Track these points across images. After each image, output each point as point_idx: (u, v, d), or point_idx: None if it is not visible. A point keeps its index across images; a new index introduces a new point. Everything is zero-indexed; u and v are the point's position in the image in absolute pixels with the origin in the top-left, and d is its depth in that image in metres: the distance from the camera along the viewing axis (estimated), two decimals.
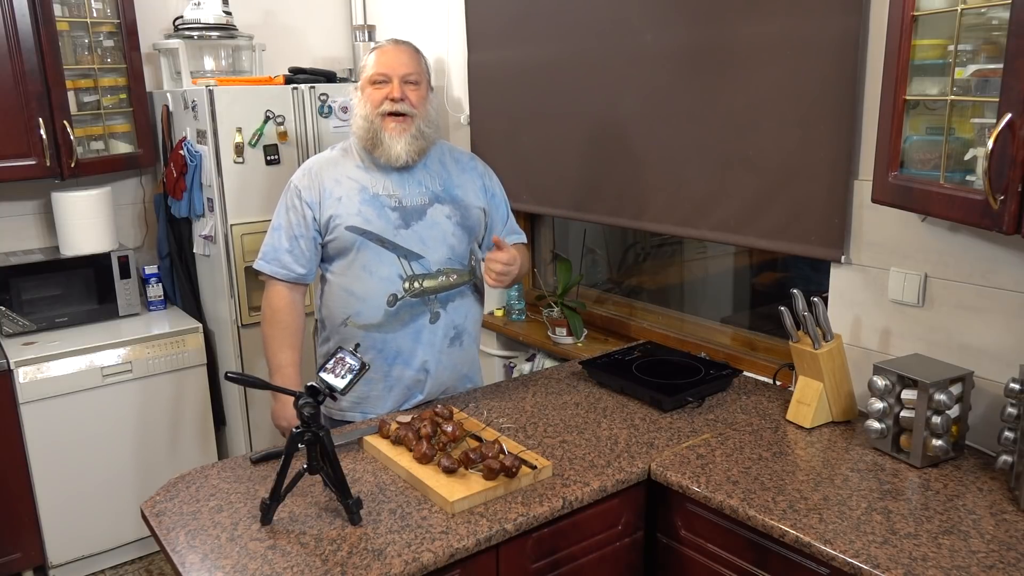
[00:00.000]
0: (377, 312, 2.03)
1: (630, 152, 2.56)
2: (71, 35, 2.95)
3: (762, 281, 2.75)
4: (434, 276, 2.05)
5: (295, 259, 2.04)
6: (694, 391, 2.07)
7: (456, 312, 2.11)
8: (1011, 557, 1.38)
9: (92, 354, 2.82)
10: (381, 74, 2.00)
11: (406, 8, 3.44)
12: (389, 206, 2.02)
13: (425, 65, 2.08)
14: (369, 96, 2.01)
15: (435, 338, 2.08)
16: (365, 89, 2.02)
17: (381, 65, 2.00)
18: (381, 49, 2.04)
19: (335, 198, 2.01)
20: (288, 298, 2.06)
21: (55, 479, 2.81)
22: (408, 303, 2.04)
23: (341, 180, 2.03)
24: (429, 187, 2.07)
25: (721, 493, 1.62)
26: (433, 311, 2.07)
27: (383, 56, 2.02)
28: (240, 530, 1.53)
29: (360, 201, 2.01)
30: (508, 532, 1.53)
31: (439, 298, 2.07)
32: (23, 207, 3.11)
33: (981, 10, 1.47)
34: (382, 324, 2.04)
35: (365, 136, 2.01)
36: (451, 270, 2.08)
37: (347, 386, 1.55)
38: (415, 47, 2.07)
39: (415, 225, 2.03)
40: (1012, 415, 1.56)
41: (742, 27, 2.17)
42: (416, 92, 2.01)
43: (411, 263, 2.02)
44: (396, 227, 2.02)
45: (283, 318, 2.06)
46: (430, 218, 2.05)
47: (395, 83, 1.98)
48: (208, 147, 2.87)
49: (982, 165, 1.41)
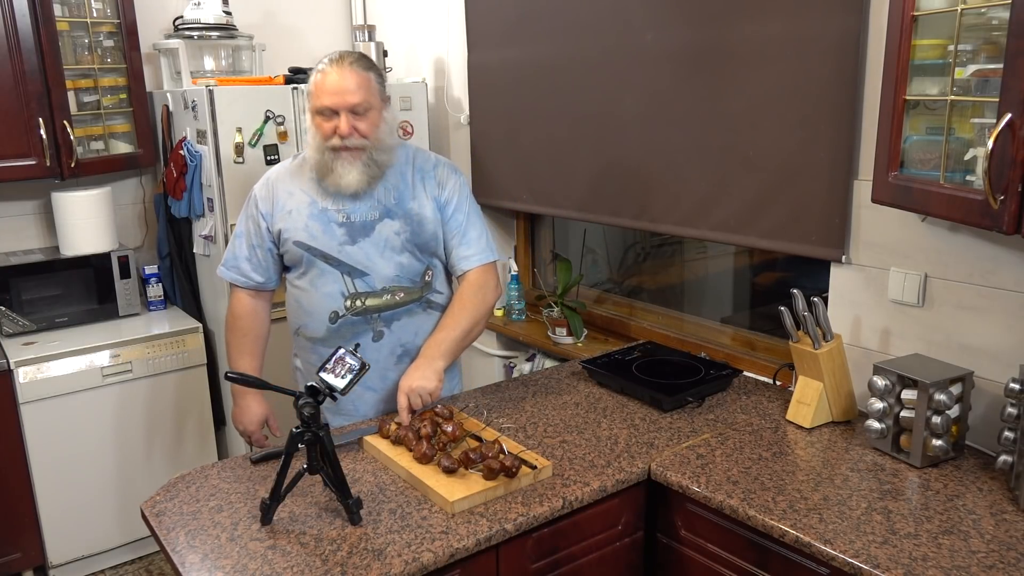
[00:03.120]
0: (320, 327, 2.02)
1: (630, 152, 2.56)
2: (71, 35, 2.95)
3: (762, 281, 2.74)
4: (378, 294, 2.00)
5: (253, 267, 2.04)
6: (694, 391, 2.07)
7: (403, 331, 2.04)
8: (1011, 557, 1.38)
9: (92, 354, 2.82)
10: (327, 107, 1.86)
11: (406, 8, 3.44)
12: (336, 221, 1.97)
13: (377, 82, 1.92)
14: (318, 126, 1.89)
15: (379, 356, 2.02)
16: (314, 117, 1.90)
17: (326, 96, 1.86)
18: (324, 73, 1.87)
19: (286, 211, 1.98)
20: (250, 305, 2.06)
21: (55, 479, 2.81)
22: (349, 321, 2.01)
23: (294, 192, 1.99)
24: (382, 201, 1.98)
25: (721, 493, 1.62)
26: (376, 329, 2.02)
27: (329, 83, 1.86)
28: (240, 530, 1.53)
29: (308, 216, 1.97)
30: (508, 532, 1.53)
31: (382, 317, 2.01)
32: (23, 207, 3.12)
33: (981, 10, 1.47)
34: (325, 339, 2.03)
35: (316, 166, 1.94)
36: (398, 288, 2.01)
37: (347, 386, 1.56)
38: (363, 64, 1.90)
39: (361, 241, 1.97)
40: (1012, 415, 1.56)
41: (742, 27, 2.17)
42: (365, 121, 1.88)
43: (355, 280, 1.98)
44: (341, 243, 1.97)
45: (243, 324, 2.06)
46: (378, 234, 1.98)
47: (343, 118, 1.86)
48: (208, 147, 2.87)
49: (982, 165, 1.41)
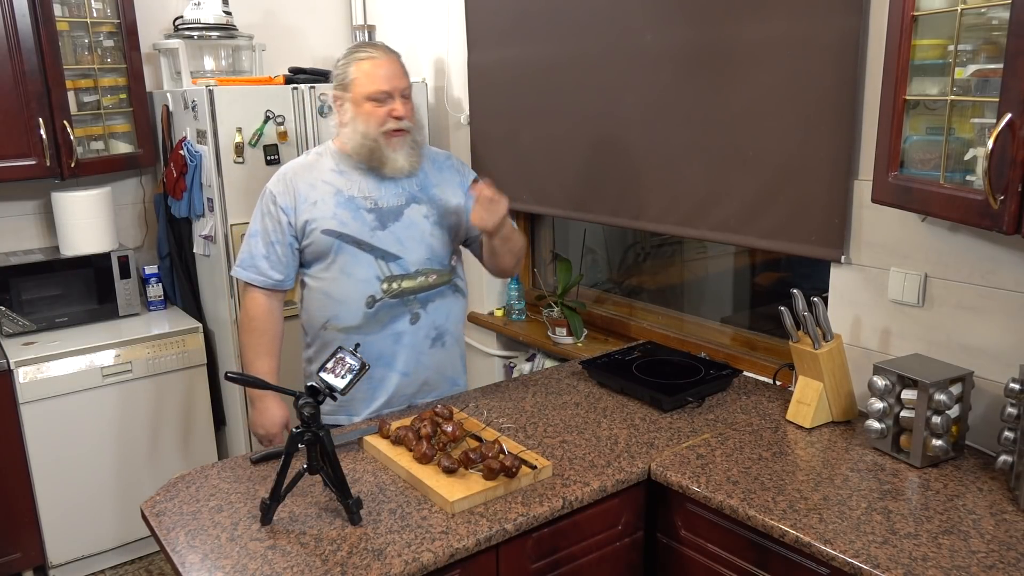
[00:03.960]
0: (356, 314, 2.02)
1: (630, 152, 2.56)
2: (71, 35, 2.95)
3: (762, 281, 2.75)
4: (412, 276, 2.04)
5: (271, 265, 2.03)
6: (694, 391, 2.07)
7: (437, 312, 2.09)
8: (1011, 557, 1.38)
9: (92, 354, 2.82)
10: (383, 91, 1.95)
11: (406, 8, 3.44)
12: (365, 208, 2.01)
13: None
14: (370, 113, 1.95)
15: (416, 339, 2.07)
16: (362, 105, 1.95)
17: (380, 80, 1.94)
18: (372, 60, 1.96)
19: (310, 202, 2.00)
20: (265, 305, 2.06)
21: (55, 479, 2.81)
22: (387, 304, 2.03)
23: (316, 184, 2.01)
24: (406, 187, 2.05)
25: (721, 493, 1.62)
26: (413, 312, 2.05)
27: (378, 70, 1.95)
28: (240, 530, 1.53)
29: (335, 204, 1.99)
30: (508, 532, 1.53)
31: (419, 298, 2.06)
32: (23, 207, 3.12)
33: (981, 10, 1.47)
34: (361, 326, 2.03)
35: (363, 153, 1.98)
36: (430, 270, 2.07)
37: (347, 386, 1.56)
38: (398, 53, 2.04)
39: (392, 226, 2.02)
40: (1012, 415, 1.56)
41: (742, 27, 2.17)
42: (410, 105, 2.00)
43: (388, 264, 2.01)
44: (372, 228, 2.00)
45: (260, 325, 2.06)
46: (407, 218, 2.04)
47: (399, 101, 1.96)
48: (208, 147, 2.87)
49: (982, 165, 1.41)
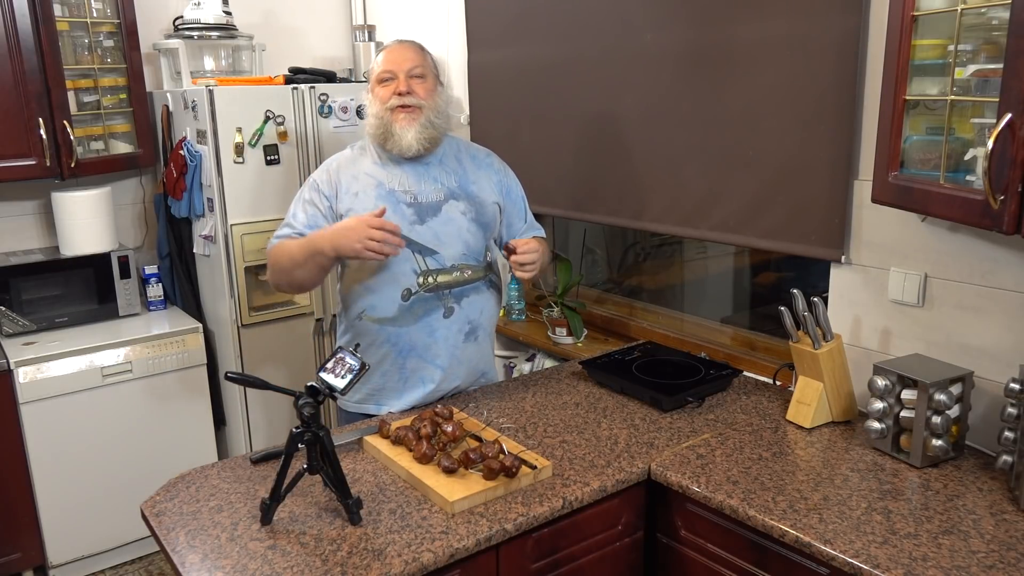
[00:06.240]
0: (391, 306, 2.05)
1: (630, 152, 2.56)
2: (71, 35, 2.95)
3: (762, 281, 2.75)
4: (448, 271, 2.06)
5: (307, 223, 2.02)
6: (694, 391, 2.07)
7: (471, 307, 2.12)
8: (1011, 557, 1.38)
9: (92, 354, 2.82)
10: (387, 71, 2.04)
11: (406, 8, 3.44)
12: (404, 202, 2.04)
13: (432, 61, 2.11)
14: (378, 95, 2.04)
15: (449, 333, 2.09)
16: (375, 89, 2.06)
17: (387, 63, 2.05)
18: (387, 48, 2.08)
19: (352, 193, 2.04)
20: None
21: (55, 479, 2.81)
22: (422, 298, 2.05)
23: (358, 176, 2.06)
24: (444, 183, 2.09)
25: (721, 493, 1.62)
26: (447, 306, 2.08)
27: (388, 55, 2.06)
28: (240, 530, 1.53)
29: (376, 196, 2.03)
30: (508, 532, 1.53)
31: (453, 293, 2.08)
32: (23, 207, 3.12)
33: (981, 10, 1.47)
34: (396, 318, 2.05)
35: (377, 133, 2.04)
36: (466, 266, 2.09)
37: (347, 386, 1.56)
38: (421, 45, 2.11)
39: (430, 221, 2.05)
40: (1012, 415, 1.55)
41: (742, 27, 2.17)
42: (423, 85, 2.04)
43: (425, 258, 2.04)
44: (411, 223, 2.03)
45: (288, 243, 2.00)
46: (445, 214, 2.07)
47: (401, 78, 2.02)
48: (208, 147, 2.87)
49: (982, 165, 1.41)
